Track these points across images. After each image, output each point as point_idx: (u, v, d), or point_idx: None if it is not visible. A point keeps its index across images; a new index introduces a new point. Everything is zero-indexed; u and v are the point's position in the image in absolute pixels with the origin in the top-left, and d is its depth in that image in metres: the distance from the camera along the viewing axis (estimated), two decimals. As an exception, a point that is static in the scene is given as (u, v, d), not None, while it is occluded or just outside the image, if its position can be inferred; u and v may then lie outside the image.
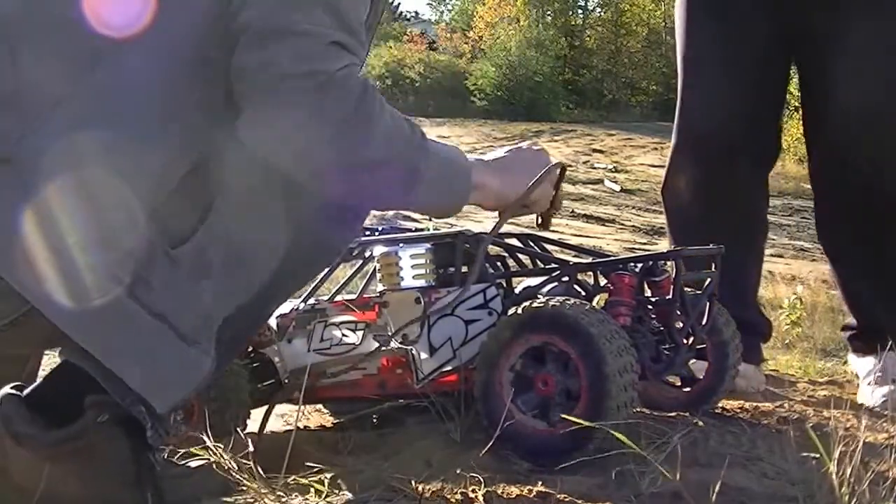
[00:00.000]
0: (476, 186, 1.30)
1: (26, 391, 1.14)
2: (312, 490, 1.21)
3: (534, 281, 1.55)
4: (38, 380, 1.18)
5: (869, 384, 1.78)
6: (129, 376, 1.10)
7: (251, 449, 1.22)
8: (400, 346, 1.50)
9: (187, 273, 1.11)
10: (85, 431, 1.12)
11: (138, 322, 1.09)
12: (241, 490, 1.21)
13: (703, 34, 1.96)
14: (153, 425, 1.15)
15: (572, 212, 8.62)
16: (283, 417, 1.79)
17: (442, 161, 1.24)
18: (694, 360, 1.64)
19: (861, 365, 1.87)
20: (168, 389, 1.13)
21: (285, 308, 1.63)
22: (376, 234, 1.67)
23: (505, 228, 1.54)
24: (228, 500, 1.20)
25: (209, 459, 1.30)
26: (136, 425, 1.14)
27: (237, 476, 1.19)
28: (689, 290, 1.52)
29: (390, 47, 24.53)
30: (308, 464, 1.28)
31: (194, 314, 1.12)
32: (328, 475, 1.30)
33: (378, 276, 1.53)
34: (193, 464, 1.30)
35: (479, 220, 6.55)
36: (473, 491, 1.17)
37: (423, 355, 1.48)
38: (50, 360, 1.38)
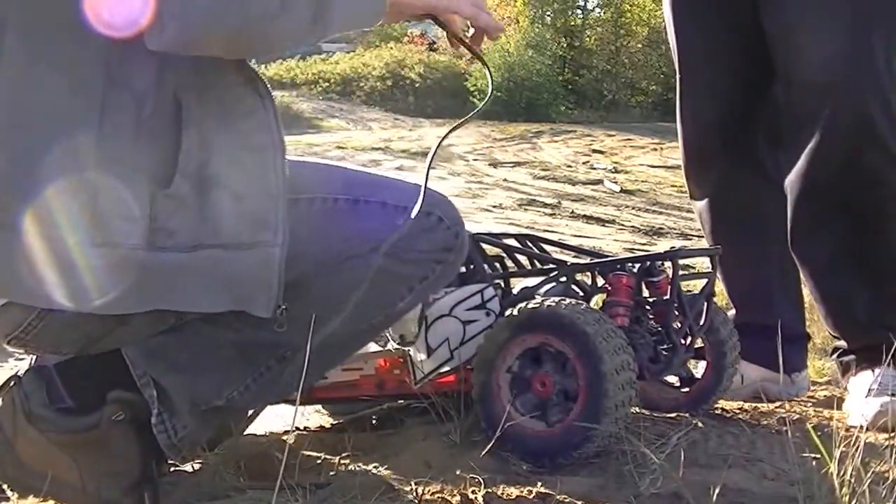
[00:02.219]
0: None
1: (59, 362, 1.15)
2: (312, 491, 1.21)
3: (532, 281, 1.55)
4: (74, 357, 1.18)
5: (865, 397, 1.66)
6: (212, 305, 1.11)
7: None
8: (398, 346, 1.50)
9: (194, 198, 1.09)
10: (97, 426, 1.12)
11: (179, 264, 1.08)
12: (237, 493, 1.21)
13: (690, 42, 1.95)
14: (160, 413, 1.14)
15: (572, 212, 8.62)
16: (283, 418, 1.78)
17: None
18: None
19: (859, 383, 1.74)
20: (253, 295, 1.12)
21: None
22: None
23: (504, 229, 1.54)
24: (222, 502, 1.20)
25: (206, 462, 1.30)
26: (149, 430, 1.15)
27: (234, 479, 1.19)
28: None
29: (390, 48, 24.52)
30: (307, 465, 1.29)
31: (228, 223, 1.10)
32: (328, 476, 1.30)
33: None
34: (190, 467, 1.30)
35: (478, 221, 6.56)
36: (473, 492, 1.17)
37: (421, 356, 1.48)
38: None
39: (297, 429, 1.72)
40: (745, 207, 1.97)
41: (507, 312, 1.38)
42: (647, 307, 1.50)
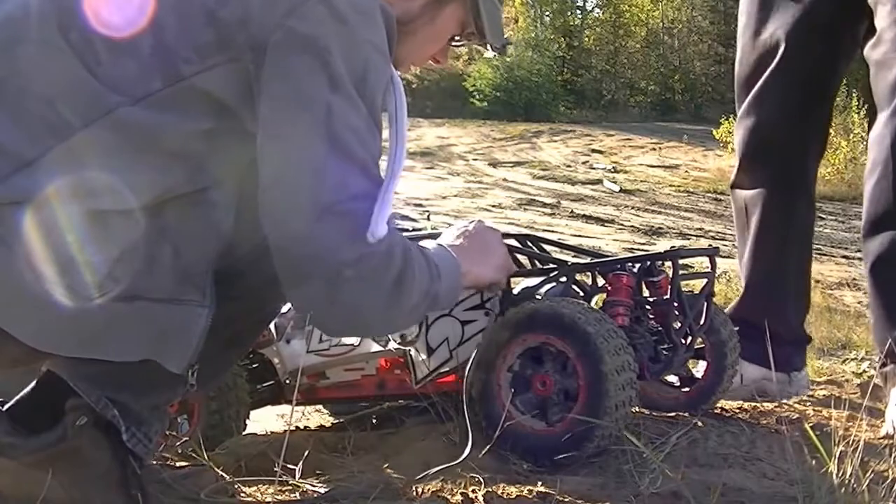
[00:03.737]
0: (463, 276, 1.33)
1: (7, 405, 1.14)
2: (312, 490, 1.21)
3: (532, 281, 1.55)
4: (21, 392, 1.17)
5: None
6: (125, 355, 1.09)
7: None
8: (398, 346, 1.50)
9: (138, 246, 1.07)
10: (64, 436, 1.11)
11: (106, 311, 1.06)
12: (237, 492, 1.21)
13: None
14: (129, 428, 1.14)
15: (572, 212, 8.63)
16: (283, 418, 1.79)
17: (446, 275, 1.25)
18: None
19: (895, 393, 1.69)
20: (171, 351, 1.11)
21: (283, 308, 1.63)
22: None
23: (504, 228, 1.54)
24: (222, 501, 1.20)
25: (203, 462, 1.30)
26: (117, 428, 1.14)
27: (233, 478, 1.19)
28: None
29: (389, 48, 24.56)
30: (307, 464, 1.28)
31: (159, 277, 1.09)
32: (328, 475, 1.30)
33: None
34: (187, 466, 1.30)
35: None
36: (473, 491, 1.17)
37: (421, 356, 1.48)
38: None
39: (298, 428, 1.73)
40: (781, 207, 2.00)
41: (508, 312, 1.38)
42: (648, 307, 1.50)
